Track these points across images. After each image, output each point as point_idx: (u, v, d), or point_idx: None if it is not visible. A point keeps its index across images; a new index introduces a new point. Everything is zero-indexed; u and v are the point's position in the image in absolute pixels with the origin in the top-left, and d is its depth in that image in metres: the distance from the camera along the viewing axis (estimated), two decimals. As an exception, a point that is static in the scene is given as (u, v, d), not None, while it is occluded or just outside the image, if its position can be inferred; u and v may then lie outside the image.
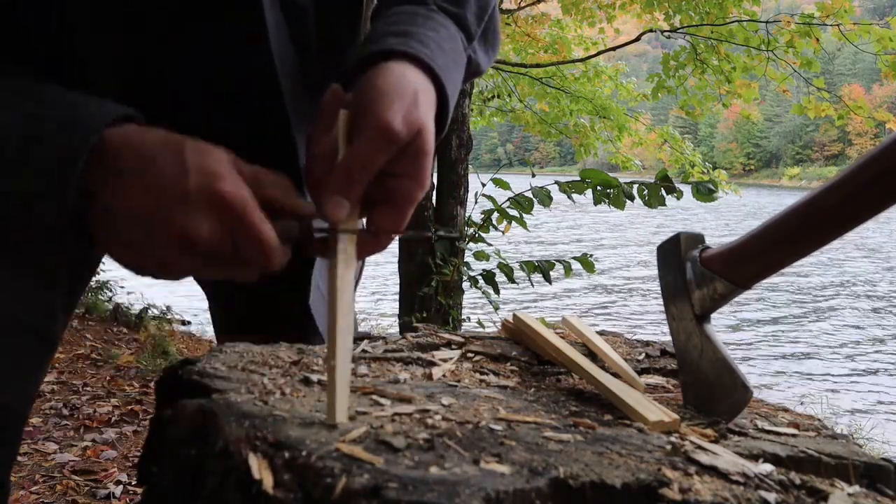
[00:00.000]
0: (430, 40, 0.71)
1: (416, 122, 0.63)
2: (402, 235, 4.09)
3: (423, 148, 0.64)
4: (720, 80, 6.56)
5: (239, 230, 0.60)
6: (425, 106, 0.65)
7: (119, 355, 4.57)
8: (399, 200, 0.65)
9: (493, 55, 0.88)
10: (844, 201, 0.71)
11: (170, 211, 0.58)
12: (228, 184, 0.59)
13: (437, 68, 0.68)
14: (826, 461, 0.64)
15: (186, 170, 0.58)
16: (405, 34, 0.70)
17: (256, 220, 0.60)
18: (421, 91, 0.66)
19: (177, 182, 0.58)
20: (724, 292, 0.78)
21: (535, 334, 0.92)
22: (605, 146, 8.17)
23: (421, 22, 0.73)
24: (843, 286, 12.80)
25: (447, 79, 0.70)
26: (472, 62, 0.80)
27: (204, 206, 0.58)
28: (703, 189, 3.07)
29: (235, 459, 0.53)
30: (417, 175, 0.65)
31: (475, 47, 0.81)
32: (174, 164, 0.58)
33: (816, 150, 64.27)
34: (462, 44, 0.78)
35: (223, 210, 0.59)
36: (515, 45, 7.99)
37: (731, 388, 0.76)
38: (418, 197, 0.66)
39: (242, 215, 0.59)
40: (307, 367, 0.77)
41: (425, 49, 0.69)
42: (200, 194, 0.58)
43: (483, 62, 0.84)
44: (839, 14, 5.90)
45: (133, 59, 0.75)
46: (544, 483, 0.51)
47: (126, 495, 2.62)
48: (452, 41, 0.75)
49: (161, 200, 0.58)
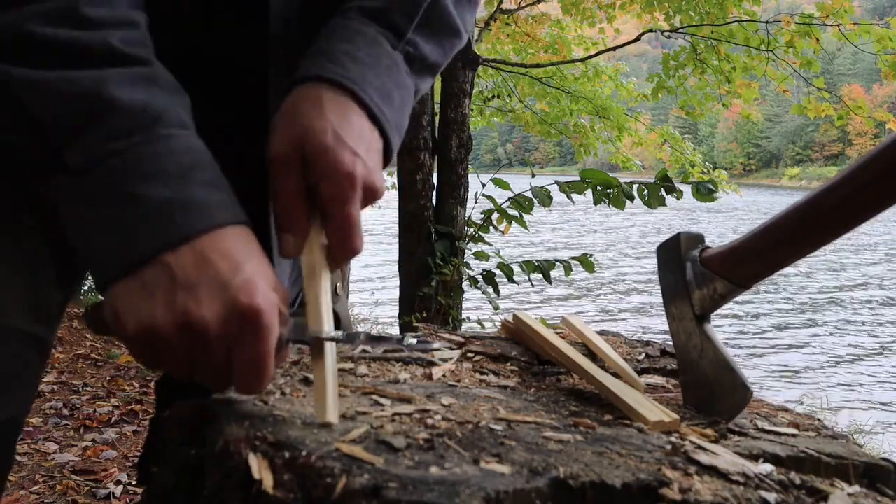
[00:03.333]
0: (342, 54, 0.71)
1: (300, 139, 0.65)
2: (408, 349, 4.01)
3: (316, 152, 0.64)
4: (720, 80, 6.56)
5: (247, 345, 0.58)
6: (320, 120, 0.66)
7: (119, 355, 4.56)
8: (328, 202, 0.65)
9: (451, 42, 0.85)
10: (844, 201, 0.71)
11: (196, 289, 0.57)
12: (261, 301, 0.58)
13: (348, 81, 0.69)
14: (826, 461, 0.64)
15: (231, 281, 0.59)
16: (318, 54, 0.72)
17: (268, 343, 0.59)
18: (320, 106, 0.67)
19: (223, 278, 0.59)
20: (724, 292, 0.78)
21: (535, 334, 0.92)
22: (605, 146, 8.16)
23: (337, 36, 0.74)
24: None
25: (362, 87, 0.70)
26: (411, 56, 0.78)
27: (227, 306, 0.57)
28: (703, 189, 3.08)
29: (235, 459, 0.53)
30: (329, 174, 0.65)
31: (414, 40, 0.78)
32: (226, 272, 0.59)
33: (816, 150, 64.25)
34: (388, 43, 0.76)
35: (243, 319, 0.58)
36: (515, 45, 7.99)
37: (731, 388, 0.76)
38: (347, 196, 0.65)
39: (258, 332, 0.58)
40: (307, 367, 0.77)
41: (336, 67, 0.70)
42: (230, 296, 0.58)
43: (431, 53, 0.81)
44: (839, 14, 5.89)
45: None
46: (544, 483, 0.51)
47: (126, 495, 2.62)
48: (370, 46, 0.74)
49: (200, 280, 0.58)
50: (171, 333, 0.57)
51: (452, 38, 0.85)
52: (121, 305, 0.58)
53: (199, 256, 0.58)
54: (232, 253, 0.59)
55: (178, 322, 0.57)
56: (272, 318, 0.59)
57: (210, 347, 0.58)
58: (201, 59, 0.80)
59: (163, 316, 0.57)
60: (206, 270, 0.58)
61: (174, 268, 0.57)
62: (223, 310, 0.57)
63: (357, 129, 0.68)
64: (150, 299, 0.57)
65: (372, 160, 0.68)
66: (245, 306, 0.57)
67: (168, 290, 0.57)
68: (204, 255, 0.58)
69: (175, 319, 0.57)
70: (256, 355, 0.58)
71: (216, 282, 0.58)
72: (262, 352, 0.58)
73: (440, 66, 0.85)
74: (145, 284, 0.58)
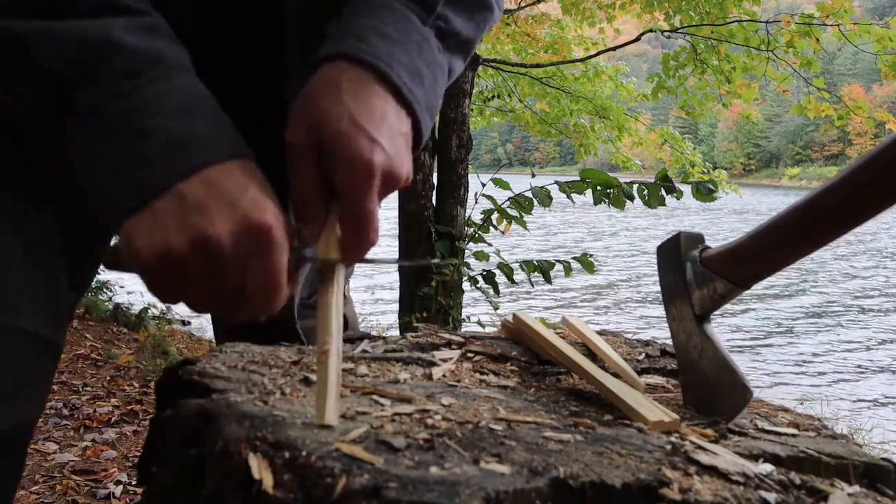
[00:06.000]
0: (368, 31, 0.69)
1: (316, 125, 0.64)
2: (404, 264, 4.07)
3: (331, 139, 0.63)
4: (720, 80, 6.56)
5: (259, 260, 0.60)
6: (336, 105, 0.64)
7: (119, 355, 4.56)
8: (343, 192, 0.64)
9: (483, 16, 0.82)
10: (844, 201, 0.71)
11: (208, 209, 0.59)
12: (271, 217, 0.60)
13: (372, 58, 0.67)
14: (826, 461, 0.64)
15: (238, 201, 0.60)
16: (342, 32, 0.70)
17: (279, 258, 0.60)
18: (338, 89, 0.65)
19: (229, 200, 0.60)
20: (724, 292, 0.78)
21: (535, 334, 0.92)
22: (605, 146, 8.16)
23: (361, 11, 0.72)
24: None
25: (389, 65, 0.68)
26: (443, 32, 0.76)
27: (238, 223, 0.59)
28: (703, 189, 3.08)
29: (235, 459, 0.53)
30: (344, 163, 0.63)
31: (444, 15, 0.76)
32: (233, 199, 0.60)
33: (816, 150, 64.25)
34: (417, 18, 0.73)
35: (254, 234, 0.59)
36: (515, 45, 7.98)
37: (731, 388, 0.76)
38: (362, 187, 0.64)
39: (270, 247, 0.60)
40: (307, 367, 0.77)
41: (360, 44, 0.68)
42: (241, 214, 0.59)
43: (463, 27, 0.78)
44: (839, 14, 5.89)
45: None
46: (544, 483, 0.51)
47: (126, 495, 2.62)
48: (398, 22, 0.71)
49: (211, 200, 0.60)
50: (185, 254, 0.58)
51: (484, 11, 0.82)
52: (136, 236, 0.60)
53: (209, 182, 0.60)
54: (240, 177, 0.61)
55: (191, 240, 0.58)
56: (282, 233, 0.60)
57: (224, 265, 0.59)
58: (209, 46, 0.79)
59: (177, 237, 0.58)
60: (215, 193, 0.59)
61: (185, 194, 0.59)
62: (235, 226, 0.59)
63: (378, 112, 0.65)
64: (163, 225, 0.59)
65: (395, 145, 0.66)
66: (256, 220, 0.59)
67: (180, 214, 0.59)
68: (213, 181, 0.60)
69: (189, 238, 0.58)
70: (269, 269, 0.60)
71: (226, 201, 0.59)
72: (275, 266, 0.60)
73: (473, 42, 0.82)
74: (157, 213, 0.59)
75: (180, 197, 0.59)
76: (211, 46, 0.78)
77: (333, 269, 0.63)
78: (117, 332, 5.49)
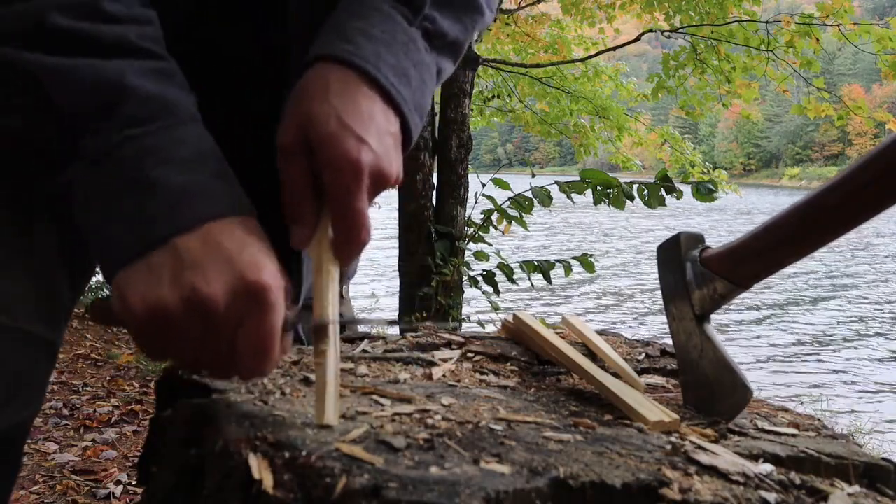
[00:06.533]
0: (355, 32, 0.69)
1: (304, 126, 0.64)
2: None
3: (318, 139, 0.63)
4: (720, 80, 6.56)
5: (253, 321, 0.58)
6: (323, 106, 0.64)
7: (119, 355, 4.56)
8: (332, 192, 0.64)
9: (472, 18, 0.82)
10: (844, 201, 0.71)
11: (204, 266, 0.57)
12: (268, 277, 0.58)
13: (359, 59, 0.67)
14: (826, 461, 0.64)
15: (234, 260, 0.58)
16: (329, 33, 0.70)
17: (274, 320, 0.58)
18: (325, 90, 0.65)
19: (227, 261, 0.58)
20: (724, 292, 0.78)
21: (535, 334, 0.92)
22: (605, 146, 8.17)
23: (348, 13, 0.72)
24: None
25: (376, 65, 0.68)
26: (430, 33, 0.76)
27: (234, 281, 0.57)
28: (703, 189, 3.08)
29: (235, 459, 0.53)
30: (331, 162, 0.63)
31: (432, 16, 0.76)
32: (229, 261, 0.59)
33: (816, 150, 64.24)
34: (404, 20, 0.73)
35: (250, 294, 0.57)
36: (515, 45, 7.99)
37: (731, 388, 0.76)
38: (351, 186, 0.63)
39: (264, 308, 0.58)
40: (307, 367, 0.77)
41: (347, 45, 0.68)
42: (237, 272, 0.57)
43: (451, 29, 0.78)
44: (839, 14, 5.89)
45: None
46: (544, 483, 0.51)
47: (126, 495, 2.62)
48: (385, 23, 0.71)
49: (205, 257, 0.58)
50: (178, 311, 0.57)
51: (473, 13, 0.82)
52: (128, 289, 0.58)
53: (208, 238, 0.58)
54: (239, 235, 0.60)
55: (185, 298, 0.56)
56: (278, 295, 0.58)
57: (217, 325, 0.57)
58: (202, 45, 0.79)
59: (170, 293, 0.57)
60: (213, 250, 0.58)
61: (181, 249, 0.57)
62: (230, 286, 0.57)
63: (366, 113, 0.65)
64: (157, 279, 0.57)
65: (384, 144, 0.66)
66: (252, 282, 0.57)
67: (175, 269, 0.57)
68: (212, 237, 0.58)
69: (182, 295, 0.56)
70: (263, 333, 0.58)
71: (223, 259, 0.57)
72: (269, 329, 0.58)
73: (462, 43, 0.82)
74: (153, 266, 0.58)
75: (177, 252, 0.57)
76: (203, 46, 0.78)
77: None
78: (117, 332, 5.48)
